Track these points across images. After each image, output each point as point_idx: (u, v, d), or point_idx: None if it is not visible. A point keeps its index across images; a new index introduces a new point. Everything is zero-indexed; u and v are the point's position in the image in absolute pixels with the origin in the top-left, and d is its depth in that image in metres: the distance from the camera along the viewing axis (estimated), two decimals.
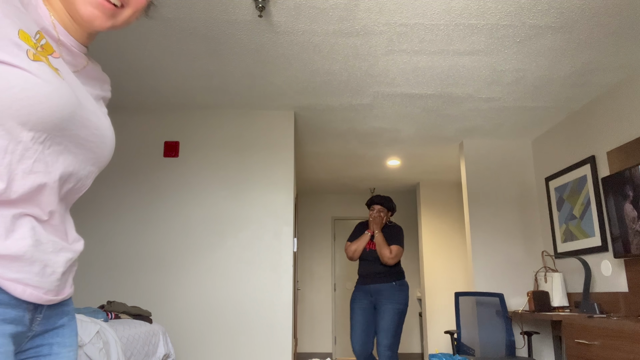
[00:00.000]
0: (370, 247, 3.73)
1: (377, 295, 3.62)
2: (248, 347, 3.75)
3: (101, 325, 2.07)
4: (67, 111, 0.77)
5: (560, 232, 4.35)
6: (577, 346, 3.02)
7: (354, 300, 3.71)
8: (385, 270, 3.64)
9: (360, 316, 3.62)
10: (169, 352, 2.92)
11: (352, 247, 3.76)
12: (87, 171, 0.87)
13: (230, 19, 2.78)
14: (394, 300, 3.57)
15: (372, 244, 3.74)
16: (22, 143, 0.72)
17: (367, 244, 3.73)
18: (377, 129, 4.67)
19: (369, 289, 3.66)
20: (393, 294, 3.59)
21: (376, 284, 3.64)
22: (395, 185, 7.14)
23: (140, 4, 0.91)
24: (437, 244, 6.73)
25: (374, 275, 3.65)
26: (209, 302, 3.81)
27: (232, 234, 3.94)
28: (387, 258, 3.59)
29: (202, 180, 4.03)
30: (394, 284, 3.62)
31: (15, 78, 0.70)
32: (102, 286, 3.79)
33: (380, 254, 3.61)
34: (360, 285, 3.73)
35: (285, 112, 4.21)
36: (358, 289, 3.74)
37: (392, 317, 3.53)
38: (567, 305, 4.06)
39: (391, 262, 3.60)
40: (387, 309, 3.56)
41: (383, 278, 3.64)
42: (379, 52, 3.17)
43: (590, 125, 3.94)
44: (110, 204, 3.95)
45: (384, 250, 3.60)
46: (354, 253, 3.74)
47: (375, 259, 3.66)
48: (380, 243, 3.63)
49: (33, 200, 0.75)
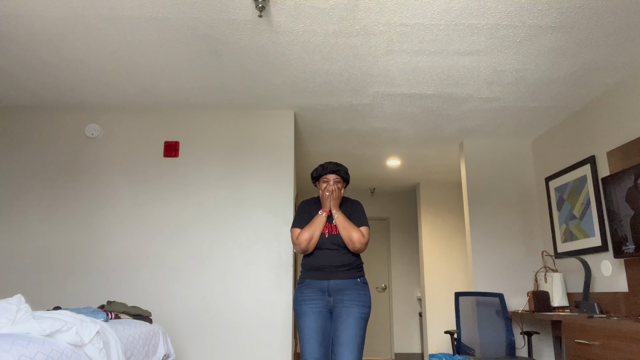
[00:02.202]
0: (329, 230, 2.79)
1: (337, 294, 2.71)
2: (248, 347, 3.75)
3: (101, 325, 2.07)
4: None
5: (560, 232, 4.35)
6: (577, 346, 3.02)
7: (303, 301, 2.73)
8: (348, 262, 2.75)
9: (315, 322, 2.67)
10: (169, 352, 2.92)
11: (304, 235, 2.74)
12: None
13: (230, 19, 2.78)
14: (359, 302, 2.68)
15: (331, 226, 2.80)
16: None
17: (330, 227, 2.80)
18: (377, 129, 4.67)
19: (326, 286, 2.72)
20: (358, 293, 2.71)
21: (337, 279, 2.72)
22: (395, 185, 7.14)
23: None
24: (437, 244, 6.74)
25: (333, 269, 2.73)
26: (209, 302, 3.81)
27: (232, 234, 3.94)
28: (360, 243, 2.72)
29: (202, 180, 4.04)
30: (358, 281, 2.75)
31: None
32: (102, 286, 3.79)
33: (349, 239, 2.72)
34: (313, 280, 2.76)
35: (285, 112, 4.21)
36: (308, 285, 2.76)
37: (357, 325, 2.64)
38: (567, 305, 4.06)
39: (363, 248, 2.76)
40: (352, 314, 2.65)
41: (346, 273, 2.74)
42: (379, 52, 3.17)
43: (590, 125, 3.94)
44: (110, 203, 3.95)
45: (354, 233, 2.72)
46: (310, 243, 2.74)
47: (338, 247, 2.75)
48: (346, 225, 2.74)
49: None
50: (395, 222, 7.81)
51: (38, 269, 3.81)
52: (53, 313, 1.97)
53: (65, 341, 1.75)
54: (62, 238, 3.85)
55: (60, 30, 2.91)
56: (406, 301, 7.54)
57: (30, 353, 1.51)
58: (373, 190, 7.54)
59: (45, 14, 2.73)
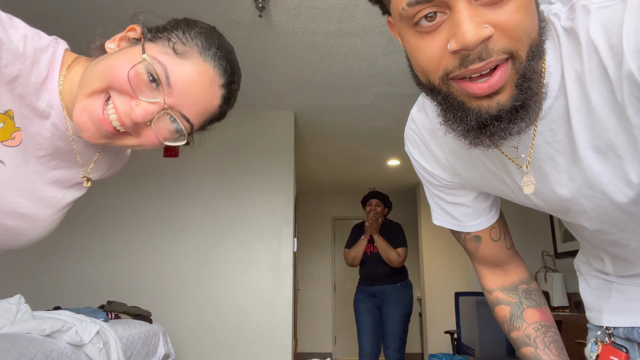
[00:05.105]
0: (371, 249, 3.59)
1: (382, 297, 3.52)
2: (248, 347, 3.75)
3: (101, 325, 2.07)
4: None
5: (560, 232, 4.35)
6: (577, 346, 3.02)
7: (358, 301, 3.60)
8: (389, 271, 3.52)
9: (367, 318, 3.51)
10: (169, 352, 2.92)
11: (350, 255, 3.64)
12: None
13: (230, 19, 2.78)
14: (400, 302, 3.47)
15: (372, 246, 3.60)
16: None
17: (367, 247, 3.61)
18: (377, 129, 4.66)
19: (372, 290, 3.56)
20: (399, 295, 3.49)
21: (380, 285, 3.53)
22: (395, 185, 7.14)
23: (151, 143, 0.79)
24: (437, 244, 6.74)
25: (377, 277, 3.53)
26: (209, 302, 3.81)
27: (232, 234, 3.94)
28: (397, 262, 3.46)
29: (202, 180, 4.03)
30: (399, 285, 3.51)
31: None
32: (102, 286, 3.78)
33: (387, 259, 3.47)
34: (363, 286, 3.63)
35: (285, 112, 4.20)
36: (361, 289, 3.64)
37: (399, 320, 3.44)
38: (567, 305, 4.06)
39: (400, 265, 3.50)
40: (394, 311, 3.45)
41: (387, 279, 3.52)
42: (379, 52, 3.17)
43: None
44: (110, 203, 3.95)
45: (391, 254, 3.46)
46: (354, 260, 3.63)
47: (379, 261, 3.53)
48: (384, 247, 3.49)
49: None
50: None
51: (38, 269, 3.80)
52: (53, 313, 1.98)
53: (65, 341, 1.75)
54: (62, 238, 3.85)
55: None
56: None
57: (30, 353, 1.51)
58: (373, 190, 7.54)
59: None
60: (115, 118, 0.73)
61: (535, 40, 0.60)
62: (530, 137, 0.71)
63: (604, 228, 0.76)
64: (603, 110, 0.63)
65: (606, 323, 0.87)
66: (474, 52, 0.58)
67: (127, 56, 0.74)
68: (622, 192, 0.67)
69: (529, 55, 0.60)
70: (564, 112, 0.67)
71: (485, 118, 0.62)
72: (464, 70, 0.59)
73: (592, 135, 0.65)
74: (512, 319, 0.93)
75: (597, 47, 0.61)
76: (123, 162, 0.97)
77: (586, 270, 0.97)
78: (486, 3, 0.57)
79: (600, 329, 0.89)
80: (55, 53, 0.76)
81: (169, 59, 0.74)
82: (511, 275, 0.97)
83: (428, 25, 0.60)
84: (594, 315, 0.92)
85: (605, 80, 0.61)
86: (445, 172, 0.90)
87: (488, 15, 0.57)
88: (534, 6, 0.60)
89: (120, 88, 0.72)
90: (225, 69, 0.79)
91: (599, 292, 0.92)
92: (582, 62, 0.63)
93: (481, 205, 0.91)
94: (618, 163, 0.65)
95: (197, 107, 0.78)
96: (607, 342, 0.86)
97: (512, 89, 0.61)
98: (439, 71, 0.62)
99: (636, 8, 0.57)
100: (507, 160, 0.76)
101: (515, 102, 0.61)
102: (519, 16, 0.57)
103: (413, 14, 0.60)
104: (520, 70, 0.60)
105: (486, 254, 0.96)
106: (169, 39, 0.77)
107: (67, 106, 0.77)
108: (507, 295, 0.96)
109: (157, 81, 0.72)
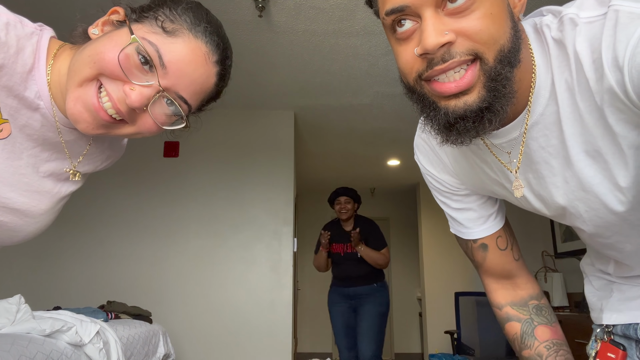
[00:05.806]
0: (345, 250, 3.51)
1: (357, 298, 3.44)
2: (248, 347, 3.75)
3: (101, 325, 2.06)
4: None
5: (560, 232, 4.35)
6: (577, 346, 3.02)
7: (333, 303, 3.54)
8: (366, 272, 3.43)
9: (341, 320, 3.46)
10: (169, 352, 2.92)
11: (314, 263, 3.67)
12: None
13: (230, 19, 2.78)
14: (376, 302, 3.38)
15: (346, 246, 3.51)
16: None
17: (344, 246, 3.51)
18: (377, 129, 4.66)
19: (347, 292, 3.48)
20: (375, 296, 3.41)
21: (356, 286, 3.45)
22: (395, 185, 7.14)
23: (148, 129, 0.75)
24: (437, 244, 6.73)
25: (353, 278, 3.45)
26: (209, 302, 3.81)
27: (232, 234, 3.94)
28: (385, 264, 3.43)
29: (202, 180, 4.03)
30: (375, 286, 3.44)
31: None
32: (102, 286, 3.78)
33: (376, 264, 3.41)
34: (338, 287, 3.55)
35: (285, 112, 4.20)
36: (335, 291, 3.56)
37: (374, 320, 3.33)
38: (567, 305, 4.06)
39: (387, 266, 3.46)
40: (369, 309, 3.36)
41: (364, 280, 3.44)
42: (379, 52, 3.17)
43: None
44: (110, 203, 3.95)
45: (379, 259, 3.40)
46: (319, 268, 3.64)
47: (356, 261, 3.44)
48: (372, 255, 3.40)
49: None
50: (395, 222, 7.82)
51: (38, 269, 3.80)
52: (53, 313, 1.97)
53: (65, 341, 1.75)
54: (62, 238, 3.85)
55: None
56: (406, 301, 7.54)
57: (30, 353, 1.51)
58: (373, 190, 7.54)
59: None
60: (110, 106, 0.69)
61: (506, 46, 0.64)
62: (520, 143, 0.74)
63: (599, 232, 0.78)
64: (590, 118, 0.67)
65: (606, 321, 0.88)
66: (437, 56, 0.63)
67: (114, 39, 0.69)
68: (613, 194, 0.70)
69: (497, 59, 0.63)
70: (556, 119, 0.70)
71: (452, 117, 0.66)
72: (430, 71, 0.65)
73: (582, 140, 0.69)
74: (523, 337, 0.93)
75: (582, 60, 0.65)
76: (121, 152, 0.94)
77: (590, 271, 0.97)
78: (451, 12, 0.62)
79: (600, 327, 0.90)
80: (40, 41, 0.72)
81: (160, 39, 0.70)
82: (521, 290, 0.97)
83: (402, 32, 0.66)
84: (596, 315, 0.93)
85: (590, 90, 0.65)
86: (453, 179, 0.92)
87: (452, 23, 0.62)
88: (503, 17, 0.64)
89: (111, 73, 0.68)
90: (217, 44, 0.76)
91: (602, 292, 0.93)
92: (570, 72, 0.66)
93: (487, 210, 0.93)
94: (606, 167, 0.68)
95: (194, 87, 0.74)
96: (605, 340, 0.86)
97: (480, 90, 0.64)
98: (413, 73, 0.68)
99: (612, 26, 0.61)
100: (503, 166, 0.79)
101: (482, 103, 0.64)
102: (482, 23, 0.62)
103: (390, 22, 0.66)
104: (487, 72, 0.63)
105: (493, 264, 0.96)
106: (156, 18, 0.72)
107: (56, 97, 0.73)
108: (517, 311, 0.95)
109: (150, 62, 0.68)
